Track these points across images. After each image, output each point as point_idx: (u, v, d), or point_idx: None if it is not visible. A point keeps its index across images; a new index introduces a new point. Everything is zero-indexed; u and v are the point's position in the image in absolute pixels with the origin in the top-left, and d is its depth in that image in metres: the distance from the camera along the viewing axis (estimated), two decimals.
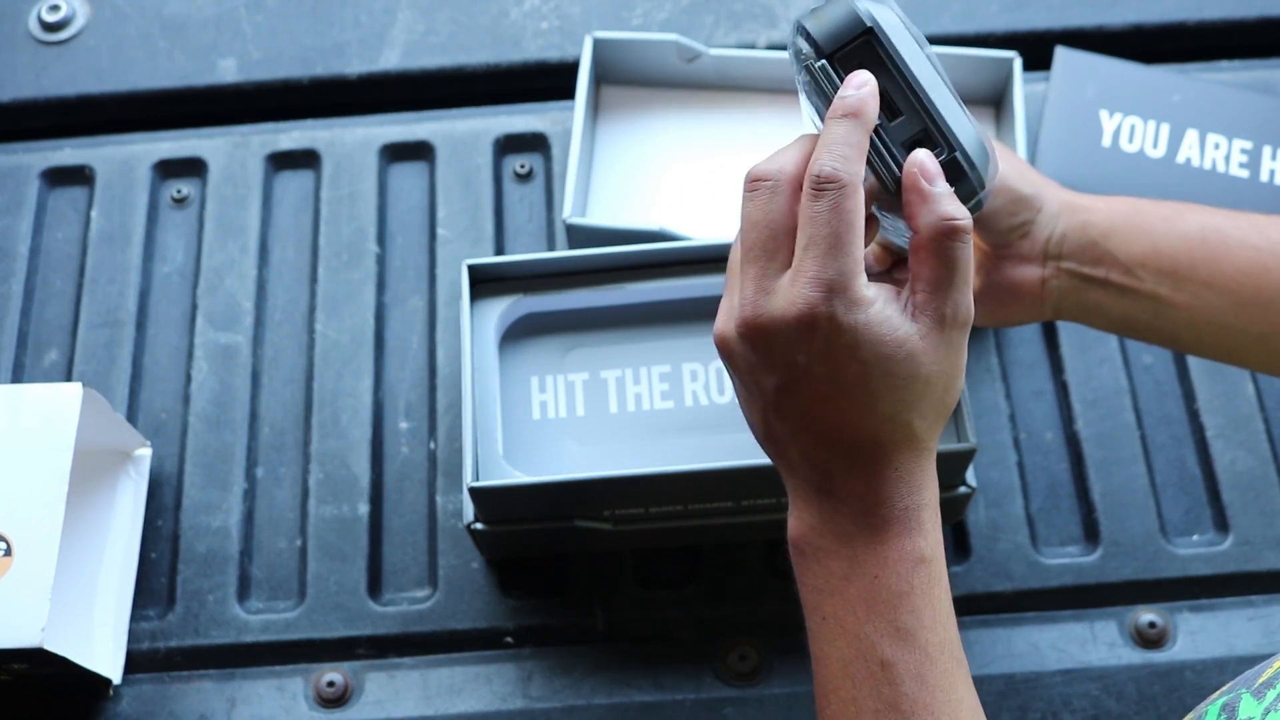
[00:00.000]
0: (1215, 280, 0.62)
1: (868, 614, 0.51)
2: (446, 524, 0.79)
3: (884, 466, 0.52)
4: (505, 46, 0.96)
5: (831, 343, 0.50)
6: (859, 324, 0.49)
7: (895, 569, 0.51)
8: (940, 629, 0.51)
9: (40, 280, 0.88)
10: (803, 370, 0.51)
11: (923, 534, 0.52)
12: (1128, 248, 0.63)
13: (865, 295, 0.50)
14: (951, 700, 0.51)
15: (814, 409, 0.51)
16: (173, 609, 0.77)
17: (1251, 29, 0.95)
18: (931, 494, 0.53)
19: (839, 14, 0.54)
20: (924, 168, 0.51)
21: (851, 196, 0.49)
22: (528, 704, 0.74)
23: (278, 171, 0.92)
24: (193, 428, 0.83)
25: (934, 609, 0.51)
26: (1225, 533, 0.78)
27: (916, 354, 0.50)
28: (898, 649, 0.50)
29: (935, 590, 0.52)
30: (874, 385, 0.50)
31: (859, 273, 0.50)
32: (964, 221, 0.50)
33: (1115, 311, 0.65)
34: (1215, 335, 0.63)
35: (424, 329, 0.86)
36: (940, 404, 0.52)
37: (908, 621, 0.51)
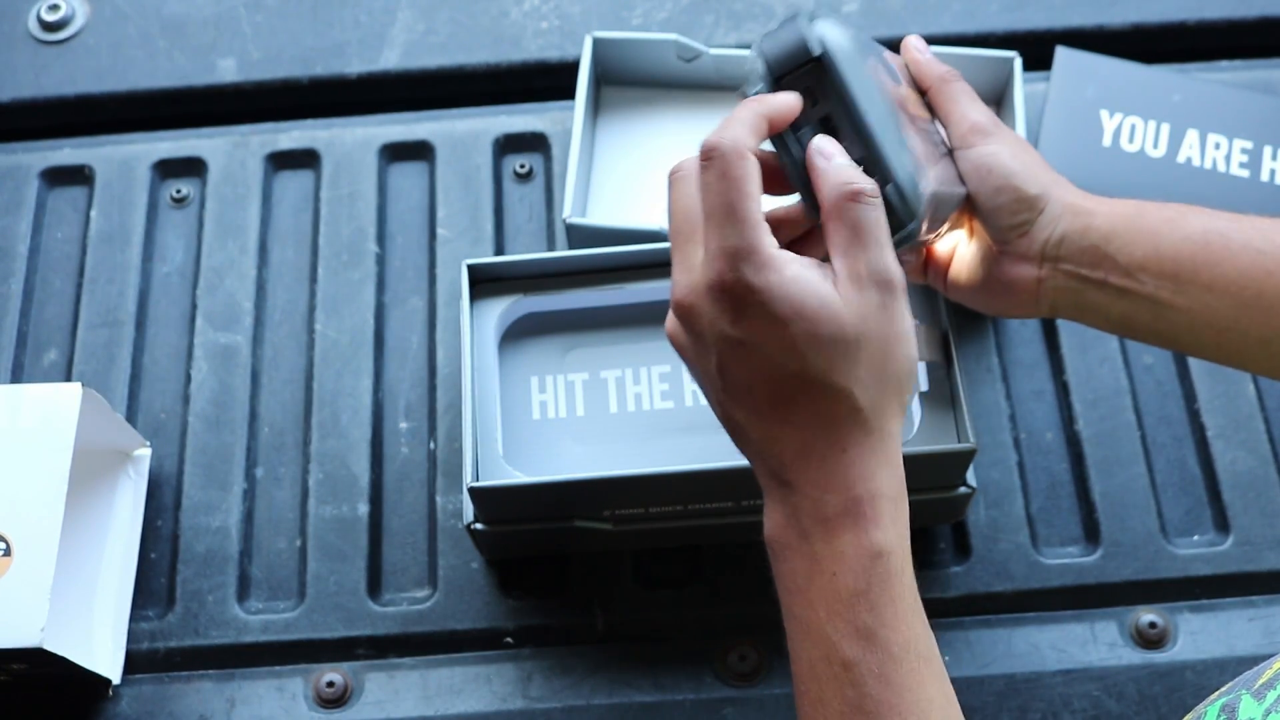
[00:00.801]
0: (1217, 283, 0.62)
1: (828, 614, 0.50)
2: (446, 524, 0.79)
3: (833, 447, 0.51)
4: (505, 46, 0.96)
5: (748, 306, 0.49)
6: (771, 284, 0.49)
7: (851, 565, 0.50)
8: (903, 626, 0.50)
9: (40, 280, 0.88)
10: (732, 342, 0.50)
11: (879, 526, 0.50)
12: (1129, 250, 0.63)
13: (774, 255, 0.50)
14: (920, 700, 0.50)
15: (753, 381, 0.51)
16: (172, 609, 0.77)
17: (1252, 29, 0.95)
18: (888, 483, 0.51)
19: (789, 39, 0.56)
20: (820, 147, 0.53)
21: (736, 163, 0.50)
22: (527, 704, 0.74)
23: (277, 171, 0.92)
24: (192, 428, 0.83)
25: (895, 606, 0.50)
26: (1226, 533, 0.78)
27: (838, 312, 0.50)
28: (858, 649, 0.50)
29: (895, 586, 0.50)
30: (800, 346, 0.50)
31: (762, 235, 0.50)
32: (864, 185, 0.51)
33: (1114, 313, 0.64)
34: (1216, 338, 0.63)
35: (424, 329, 0.86)
36: (881, 373, 0.51)
37: (867, 621, 0.50)
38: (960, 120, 0.64)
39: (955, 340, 0.73)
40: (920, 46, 0.67)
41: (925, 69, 0.66)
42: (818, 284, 0.50)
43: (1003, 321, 0.85)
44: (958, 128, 0.64)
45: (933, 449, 0.70)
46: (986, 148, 0.63)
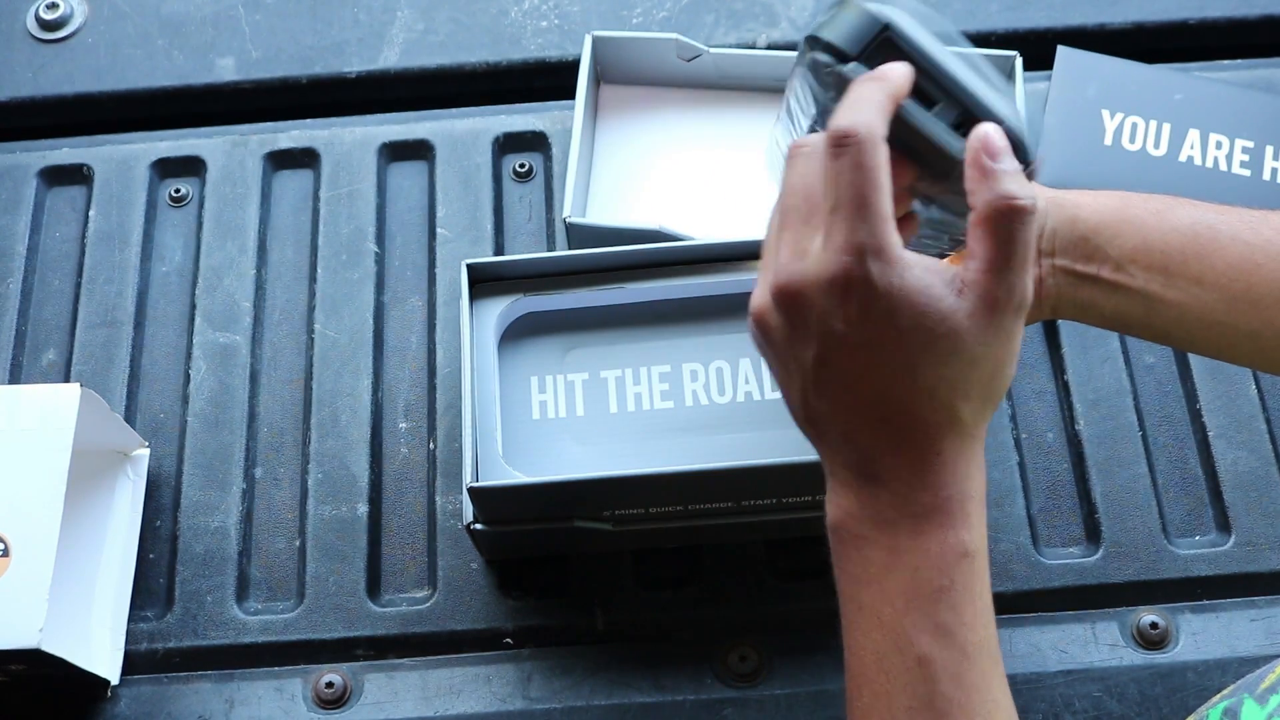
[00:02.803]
0: (1206, 276, 0.61)
1: (906, 607, 0.49)
2: (446, 524, 0.79)
3: (927, 450, 0.50)
4: (505, 45, 0.95)
5: (868, 306, 0.47)
6: (896, 287, 0.47)
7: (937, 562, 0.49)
8: (980, 627, 0.50)
9: (38, 280, 0.88)
10: (840, 338, 0.48)
11: (968, 526, 0.50)
12: (1118, 243, 0.61)
13: (902, 257, 0.47)
14: (988, 701, 0.49)
15: (853, 381, 0.49)
16: (171, 610, 0.77)
17: (1254, 28, 0.95)
18: (978, 485, 0.51)
19: (853, 18, 0.54)
20: (989, 143, 0.49)
21: (871, 152, 0.47)
22: (527, 705, 0.74)
23: (276, 171, 0.92)
24: (191, 428, 0.82)
25: (975, 606, 0.50)
26: (1227, 533, 0.78)
27: (960, 330, 0.48)
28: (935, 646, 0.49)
29: (976, 586, 0.50)
30: (913, 356, 0.48)
31: (891, 233, 0.47)
32: (1028, 202, 0.48)
33: (1107, 309, 0.63)
34: (1206, 332, 0.62)
35: (423, 329, 0.86)
36: (988, 389, 0.50)
37: (947, 618, 0.49)
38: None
39: None
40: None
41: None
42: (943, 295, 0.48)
43: None
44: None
45: None
46: None
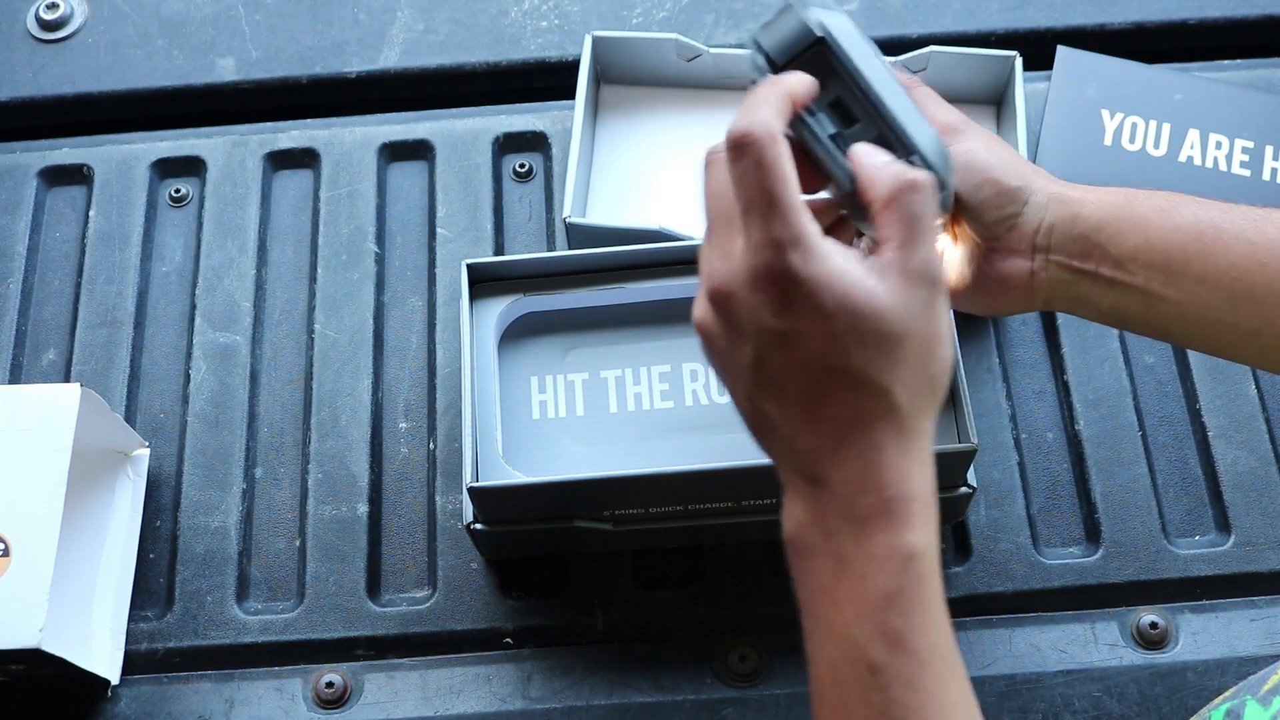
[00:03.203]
0: (1209, 275, 0.61)
1: (856, 616, 0.49)
2: (446, 524, 0.79)
3: (867, 446, 0.50)
4: (505, 46, 0.95)
5: (792, 296, 0.48)
6: (817, 274, 0.48)
7: (883, 567, 0.49)
8: (932, 631, 0.49)
9: (38, 280, 0.88)
10: (771, 332, 0.49)
11: (911, 528, 0.49)
12: (1119, 241, 0.62)
13: (821, 245, 0.48)
14: (945, 705, 0.49)
15: (790, 375, 0.50)
16: (171, 609, 0.77)
17: (1253, 28, 0.95)
18: (923, 484, 0.50)
19: (790, 26, 0.55)
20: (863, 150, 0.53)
21: (769, 148, 0.48)
22: (527, 705, 0.74)
23: (276, 171, 0.92)
24: (191, 428, 0.82)
25: (925, 610, 0.49)
26: (1227, 533, 0.78)
27: (884, 308, 0.49)
28: (886, 653, 0.48)
29: (926, 589, 0.49)
30: (842, 340, 0.48)
31: (807, 223, 0.48)
32: (915, 179, 0.50)
33: (1105, 304, 0.64)
34: (1206, 330, 0.63)
35: (423, 329, 0.86)
36: (922, 372, 0.50)
37: (897, 624, 0.48)
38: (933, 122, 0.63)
39: (955, 340, 0.73)
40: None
41: None
42: (865, 277, 0.49)
43: (1003, 321, 0.85)
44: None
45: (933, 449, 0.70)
46: (961, 145, 0.62)
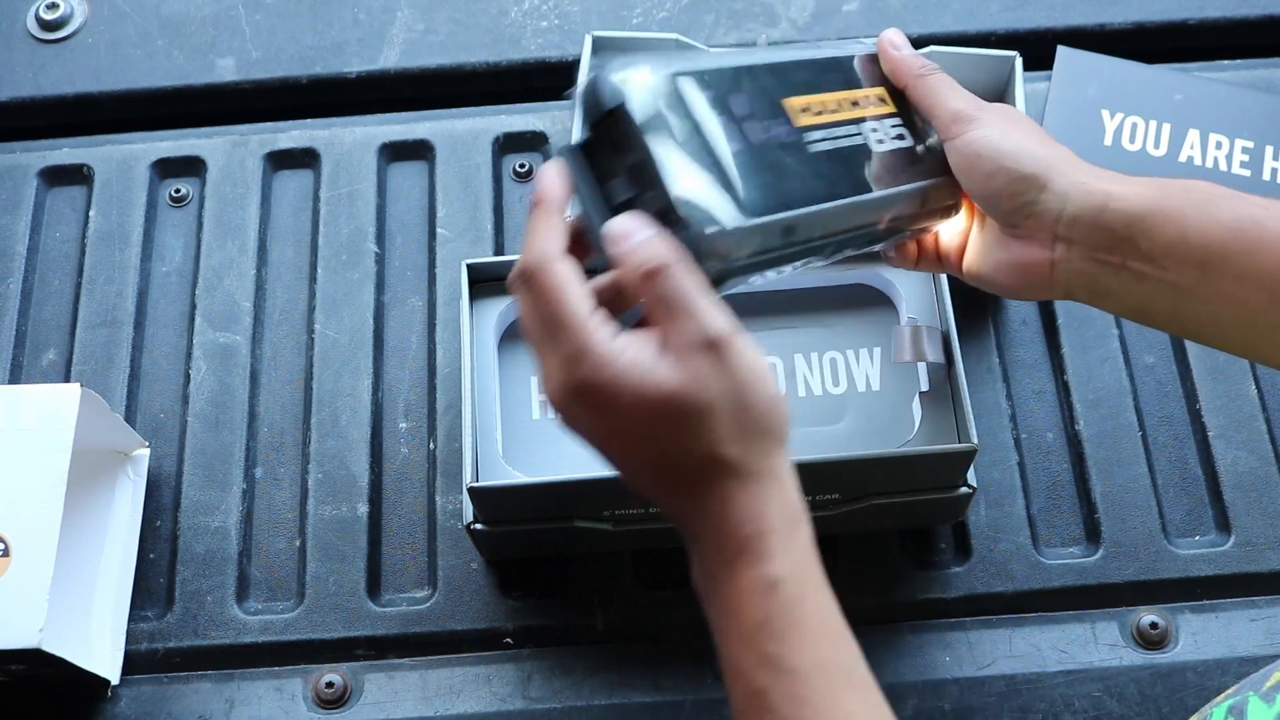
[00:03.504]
0: (1249, 275, 0.58)
1: (739, 648, 0.52)
2: (446, 524, 0.79)
3: (713, 501, 0.52)
4: (505, 46, 0.95)
5: (598, 404, 0.51)
6: (610, 379, 0.51)
7: (750, 599, 0.52)
8: (811, 648, 0.51)
9: (38, 280, 0.88)
10: (602, 433, 0.53)
11: (770, 560, 0.52)
12: (1152, 235, 0.59)
13: (608, 350, 0.51)
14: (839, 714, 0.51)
15: (632, 463, 0.54)
16: (171, 609, 0.77)
17: (1253, 28, 0.95)
18: (775, 518, 0.52)
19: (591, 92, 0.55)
20: (611, 234, 0.53)
21: (548, 275, 0.52)
22: (527, 705, 0.74)
23: (276, 171, 0.92)
24: (191, 428, 0.82)
25: (798, 630, 0.51)
26: (1227, 533, 0.78)
27: (674, 390, 0.51)
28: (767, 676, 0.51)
29: (796, 611, 0.52)
30: (656, 428, 0.51)
31: (589, 335, 0.51)
32: (656, 263, 0.51)
33: (1130, 299, 0.61)
34: (1242, 330, 0.60)
35: (424, 329, 0.86)
36: (741, 425, 0.52)
37: (771, 648, 0.51)
38: (942, 112, 0.63)
39: (955, 340, 0.73)
40: (897, 42, 0.65)
41: (898, 66, 0.65)
42: (652, 367, 0.51)
43: (1003, 321, 0.85)
44: (941, 120, 0.63)
45: (933, 449, 0.70)
46: (972, 133, 0.62)
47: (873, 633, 0.75)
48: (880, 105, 0.64)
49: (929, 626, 0.76)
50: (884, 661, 0.74)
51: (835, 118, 0.62)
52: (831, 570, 0.76)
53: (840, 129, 0.62)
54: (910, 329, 0.73)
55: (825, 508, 0.74)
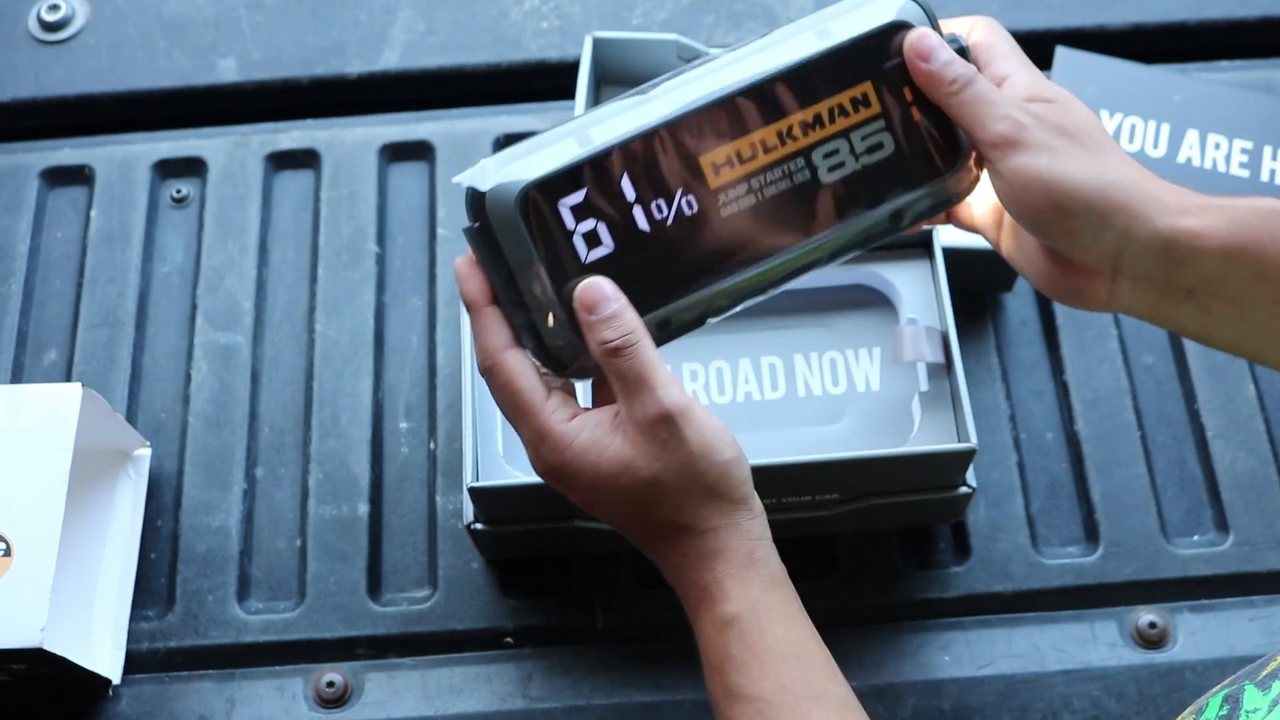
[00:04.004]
0: None
1: (711, 681, 0.57)
2: (446, 524, 0.79)
3: (676, 556, 0.57)
4: (505, 46, 0.96)
5: (567, 481, 0.57)
6: (569, 459, 0.56)
7: (712, 639, 0.56)
8: (774, 675, 0.54)
9: (39, 280, 0.88)
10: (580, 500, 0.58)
11: (726, 600, 0.55)
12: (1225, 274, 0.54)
13: (562, 433, 0.56)
14: None
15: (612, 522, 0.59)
16: (172, 609, 0.77)
17: (1252, 29, 0.95)
18: (733, 563, 0.56)
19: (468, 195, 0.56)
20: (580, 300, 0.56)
21: (501, 371, 0.56)
22: (528, 704, 0.74)
23: (277, 171, 0.92)
24: (192, 428, 0.83)
25: (760, 661, 0.55)
26: (1226, 533, 0.78)
27: (631, 462, 0.55)
28: (736, 707, 0.55)
29: (755, 643, 0.55)
30: (614, 501, 0.56)
31: (545, 420, 0.56)
32: (618, 342, 0.55)
33: (1193, 327, 0.58)
34: None
35: (424, 329, 0.86)
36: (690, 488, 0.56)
37: (735, 680, 0.55)
38: (982, 134, 0.56)
39: (955, 340, 0.73)
40: (924, 53, 0.57)
41: (928, 84, 0.58)
42: (607, 445, 0.55)
43: (1003, 321, 0.85)
44: (981, 145, 0.57)
45: (933, 449, 0.70)
46: (1016, 160, 0.55)
47: (872, 633, 0.76)
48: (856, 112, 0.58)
49: (928, 626, 0.76)
50: (883, 661, 0.75)
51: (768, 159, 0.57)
52: (831, 570, 0.77)
53: (774, 171, 0.57)
54: (910, 329, 0.73)
55: (825, 508, 0.74)
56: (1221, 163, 0.88)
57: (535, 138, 0.57)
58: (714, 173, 0.56)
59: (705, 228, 0.57)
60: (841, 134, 0.58)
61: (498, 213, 0.55)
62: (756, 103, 0.57)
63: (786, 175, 0.57)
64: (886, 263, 0.76)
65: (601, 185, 0.55)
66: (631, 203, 0.56)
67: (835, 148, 0.58)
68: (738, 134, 0.56)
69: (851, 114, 0.58)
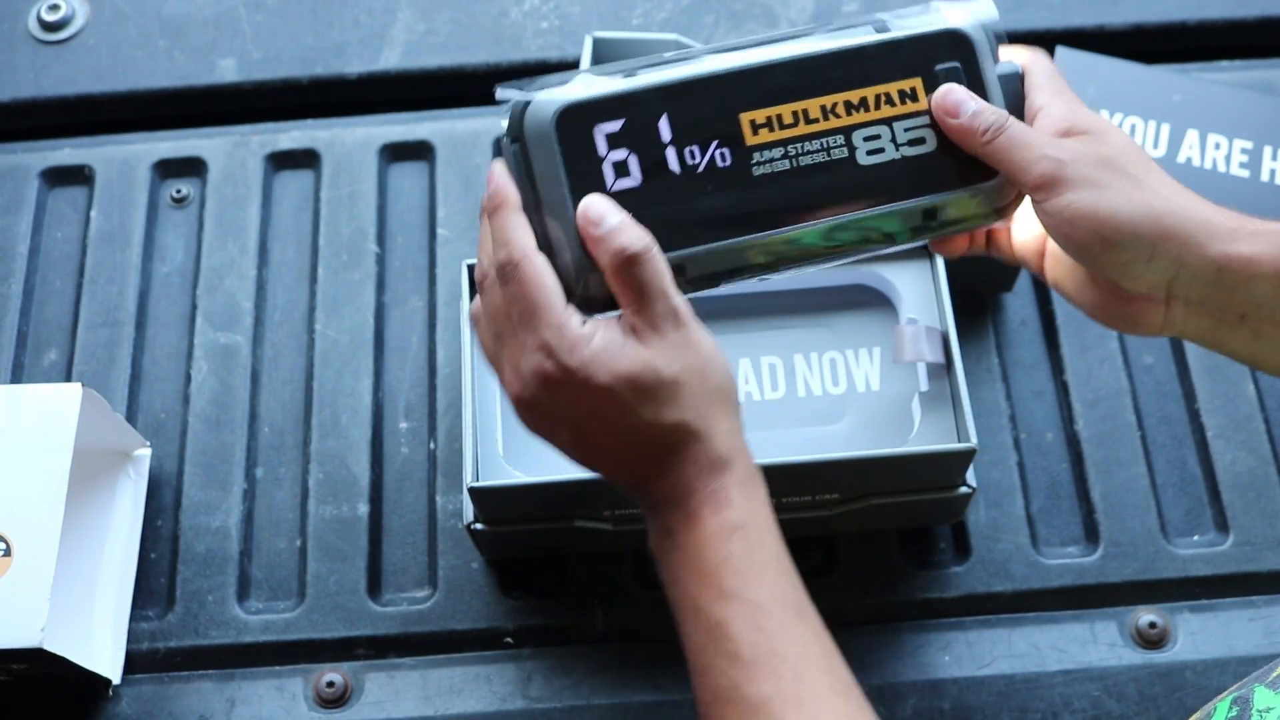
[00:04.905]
0: None
1: (699, 586, 0.54)
2: (446, 524, 0.79)
3: (680, 463, 0.55)
4: (505, 46, 0.96)
5: (573, 385, 0.54)
6: (585, 359, 0.54)
7: (711, 542, 0.54)
8: (769, 583, 0.54)
9: (40, 280, 0.88)
10: (576, 419, 0.56)
11: (731, 507, 0.55)
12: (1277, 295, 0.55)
13: (580, 334, 0.54)
14: (797, 642, 0.53)
15: (605, 443, 0.56)
16: (172, 609, 0.77)
17: (1252, 29, 0.95)
18: (738, 472, 0.55)
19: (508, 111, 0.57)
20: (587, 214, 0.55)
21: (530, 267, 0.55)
22: (528, 704, 0.74)
23: (277, 171, 0.92)
24: (192, 428, 0.83)
25: (759, 568, 0.54)
26: (1226, 533, 0.78)
27: (649, 362, 0.54)
28: (727, 608, 0.53)
29: (757, 553, 0.54)
30: (630, 403, 0.54)
31: (565, 320, 0.54)
32: (635, 249, 0.54)
33: (1246, 352, 0.58)
34: None
35: (424, 329, 0.86)
36: (704, 394, 0.55)
37: (732, 583, 0.53)
38: (1024, 178, 0.57)
39: (955, 340, 0.73)
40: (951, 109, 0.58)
41: (962, 138, 0.58)
42: (624, 345, 0.54)
43: (1003, 321, 0.85)
44: (1024, 186, 0.57)
45: (933, 449, 0.70)
46: (1061, 199, 0.56)
47: (872, 632, 0.76)
48: (903, 104, 0.58)
49: (928, 626, 0.76)
50: (883, 661, 0.75)
51: (808, 130, 0.58)
52: (831, 570, 0.77)
53: (812, 142, 0.58)
54: (910, 329, 0.73)
55: (825, 508, 0.74)
56: (1221, 163, 0.88)
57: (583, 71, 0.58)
58: (752, 131, 0.57)
59: (735, 182, 0.58)
60: (884, 121, 0.58)
61: (535, 126, 0.56)
62: (806, 74, 0.58)
63: (824, 149, 0.58)
64: (886, 263, 0.76)
65: (640, 120, 0.57)
66: (666, 143, 0.57)
67: (876, 133, 0.58)
68: (782, 99, 0.57)
69: (898, 104, 0.59)
